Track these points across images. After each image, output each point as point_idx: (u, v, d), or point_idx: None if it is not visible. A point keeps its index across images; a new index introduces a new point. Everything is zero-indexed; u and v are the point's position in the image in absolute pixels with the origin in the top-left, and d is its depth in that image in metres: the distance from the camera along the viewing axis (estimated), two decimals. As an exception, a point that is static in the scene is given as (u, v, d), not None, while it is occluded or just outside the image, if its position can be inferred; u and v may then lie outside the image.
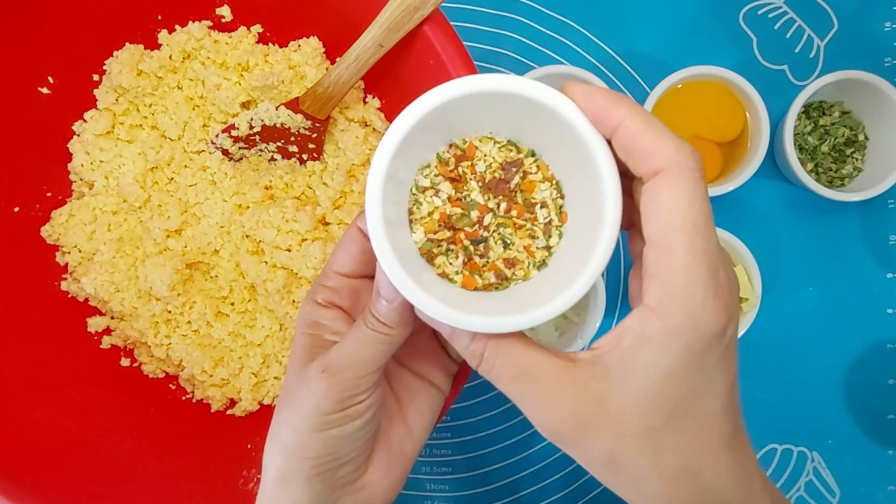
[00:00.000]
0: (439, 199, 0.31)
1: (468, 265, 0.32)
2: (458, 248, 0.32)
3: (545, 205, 0.32)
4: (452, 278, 0.32)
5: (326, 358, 0.34)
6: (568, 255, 0.31)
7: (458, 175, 0.32)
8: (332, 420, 0.33)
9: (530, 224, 0.32)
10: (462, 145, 0.32)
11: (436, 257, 0.32)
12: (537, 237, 0.32)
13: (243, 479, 0.48)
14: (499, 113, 0.31)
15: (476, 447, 0.62)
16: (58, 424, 0.48)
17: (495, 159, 0.32)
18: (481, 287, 0.32)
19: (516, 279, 0.32)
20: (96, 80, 0.53)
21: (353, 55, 0.45)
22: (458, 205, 0.32)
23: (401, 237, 0.31)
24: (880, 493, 0.61)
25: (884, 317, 0.62)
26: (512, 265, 0.32)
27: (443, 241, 0.31)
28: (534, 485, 0.61)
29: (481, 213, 0.31)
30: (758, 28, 0.62)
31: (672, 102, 0.57)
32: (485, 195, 0.32)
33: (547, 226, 0.32)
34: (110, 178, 0.53)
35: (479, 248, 0.32)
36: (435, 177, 0.32)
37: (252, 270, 0.51)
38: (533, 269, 0.32)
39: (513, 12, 0.62)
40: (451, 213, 0.31)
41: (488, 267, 0.32)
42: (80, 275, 0.52)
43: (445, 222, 0.31)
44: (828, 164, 0.60)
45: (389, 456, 0.36)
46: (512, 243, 0.32)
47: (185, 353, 0.52)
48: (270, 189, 0.53)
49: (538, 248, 0.32)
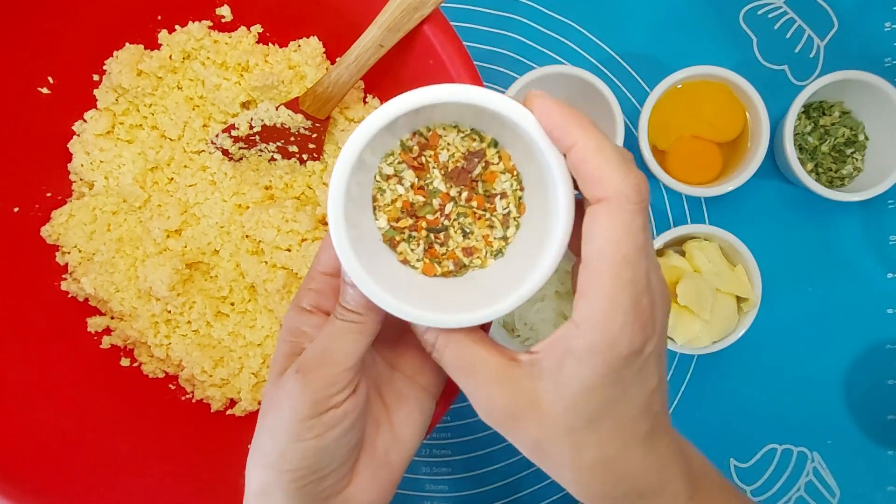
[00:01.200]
0: (402, 187, 0.32)
1: (428, 252, 0.33)
2: (419, 236, 0.33)
3: (504, 195, 0.33)
4: (413, 265, 0.33)
5: (301, 358, 0.33)
6: (524, 247, 0.32)
7: (421, 163, 0.32)
8: (310, 427, 0.32)
9: (489, 214, 0.33)
10: (426, 133, 0.32)
11: (398, 244, 0.33)
12: (496, 227, 0.33)
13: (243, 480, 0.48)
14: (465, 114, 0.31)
15: (476, 447, 0.62)
16: (58, 424, 0.48)
17: (458, 149, 0.32)
18: (440, 274, 0.33)
19: (473, 266, 0.33)
20: (96, 80, 0.53)
21: (353, 55, 0.45)
22: (421, 193, 0.32)
23: (364, 223, 0.32)
24: (880, 493, 0.61)
25: (884, 317, 0.62)
26: (470, 254, 0.33)
27: (405, 229, 0.32)
28: (534, 485, 0.61)
29: (443, 201, 0.32)
30: (758, 28, 0.62)
31: (672, 102, 0.57)
32: (447, 184, 0.32)
33: (505, 217, 0.33)
34: (110, 178, 0.53)
35: (440, 236, 0.33)
36: (398, 164, 0.32)
37: (252, 270, 0.51)
38: (490, 257, 0.33)
39: (513, 12, 0.62)
40: (413, 201, 0.32)
41: (447, 255, 0.33)
42: (79, 275, 0.52)
43: (408, 210, 0.32)
44: (828, 164, 0.60)
45: (375, 465, 0.35)
46: (471, 232, 0.33)
47: (185, 353, 0.52)
48: (270, 189, 0.53)
49: (496, 238, 0.33)
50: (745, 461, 0.62)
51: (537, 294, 0.57)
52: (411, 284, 0.32)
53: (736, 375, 0.62)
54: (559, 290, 0.57)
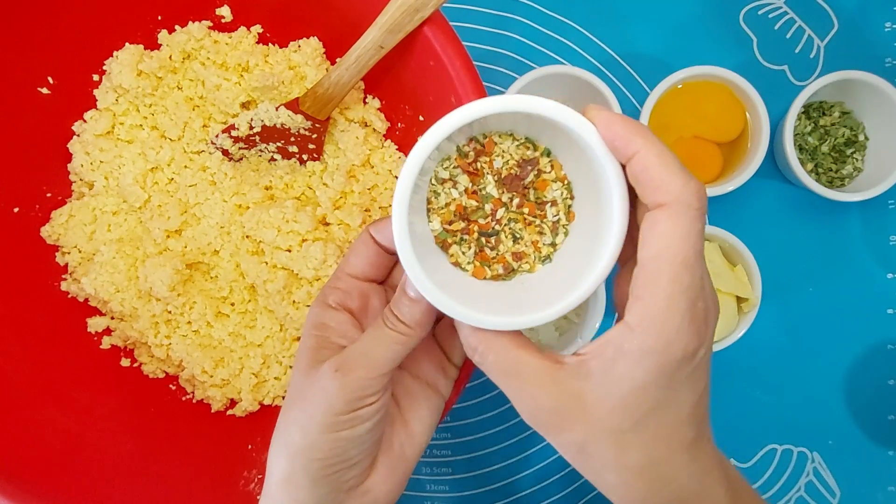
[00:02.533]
0: (457, 190, 0.33)
1: (479, 256, 0.34)
2: (470, 239, 0.33)
3: (555, 203, 0.33)
4: (464, 267, 0.34)
5: (341, 357, 0.34)
6: (571, 254, 0.33)
7: (475, 169, 0.33)
8: (343, 421, 0.33)
9: (539, 221, 0.33)
10: (482, 140, 0.33)
11: (450, 246, 0.33)
12: (545, 234, 0.34)
13: (244, 480, 0.48)
14: (522, 123, 0.32)
15: (476, 447, 0.62)
16: (58, 424, 0.48)
17: (512, 156, 0.33)
18: (490, 277, 0.34)
19: (522, 271, 0.34)
20: (96, 80, 0.52)
21: (353, 56, 0.45)
22: (474, 197, 0.33)
23: (417, 226, 0.32)
24: (880, 494, 0.61)
25: (884, 317, 0.62)
26: (519, 258, 0.34)
27: (457, 232, 0.33)
28: (534, 485, 0.62)
29: (495, 206, 0.33)
30: (758, 28, 0.62)
31: (672, 102, 0.57)
32: (499, 190, 0.33)
33: (555, 224, 0.34)
34: (110, 178, 0.53)
35: (491, 240, 0.33)
36: (454, 169, 0.33)
37: (252, 271, 0.51)
38: (538, 263, 0.34)
39: (513, 12, 0.62)
40: (466, 205, 0.33)
41: (497, 259, 0.34)
42: (80, 275, 0.52)
43: (461, 213, 0.33)
44: (828, 165, 0.60)
45: (391, 460, 0.36)
46: (521, 238, 0.34)
47: (186, 353, 0.52)
48: (270, 189, 0.53)
49: (545, 244, 0.34)
50: (745, 461, 0.62)
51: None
52: (462, 287, 0.32)
53: (736, 375, 0.62)
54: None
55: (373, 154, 0.53)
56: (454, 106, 0.42)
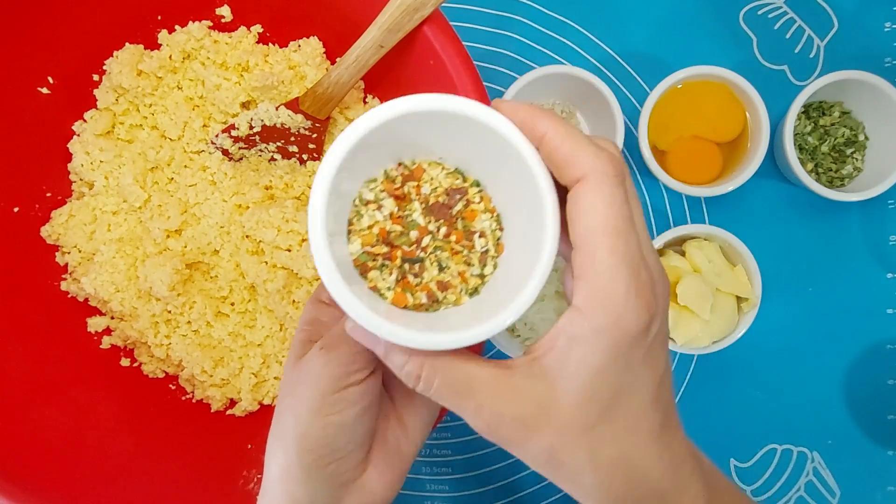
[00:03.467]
0: (381, 213, 0.32)
1: (401, 283, 0.32)
2: (392, 265, 0.32)
3: (484, 234, 0.32)
4: (384, 294, 0.32)
5: (326, 336, 0.35)
6: (500, 286, 0.32)
7: (402, 194, 0.32)
8: (331, 403, 0.33)
9: (467, 251, 0.32)
10: (411, 166, 0.32)
11: (369, 271, 0.31)
12: (472, 264, 0.32)
13: (243, 479, 0.48)
14: (442, 134, 0.31)
15: (476, 447, 0.62)
16: (58, 424, 0.48)
17: (441, 184, 0.32)
18: (411, 306, 0.32)
19: (447, 303, 0.32)
20: (96, 80, 0.53)
21: (353, 56, 0.45)
22: (399, 222, 0.32)
23: (337, 247, 0.31)
24: (880, 493, 0.61)
25: (884, 317, 0.62)
26: (445, 288, 0.32)
27: (378, 256, 0.32)
28: (534, 485, 0.61)
29: (420, 233, 0.32)
30: (758, 28, 0.62)
31: (672, 102, 0.57)
32: (426, 217, 0.32)
33: (483, 255, 0.32)
34: (110, 178, 0.53)
35: (415, 267, 0.32)
36: (380, 192, 0.32)
37: (252, 270, 0.51)
38: (465, 294, 0.32)
39: (513, 12, 0.62)
40: (390, 230, 0.32)
41: (421, 287, 0.32)
42: (80, 275, 0.52)
43: (384, 238, 0.32)
44: (828, 164, 0.60)
45: (387, 455, 0.36)
46: (447, 267, 0.32)
47: (185, 353, 0.52)
48: (270, 189, 0.53)
49: (472, 275, 0.32)
50: (745, 461, 0.62)
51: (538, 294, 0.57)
52: (382, 311, 0.30)
53: (736, 375, 0.62)
54: (559, 290, 0.57)
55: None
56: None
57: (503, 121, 0.29)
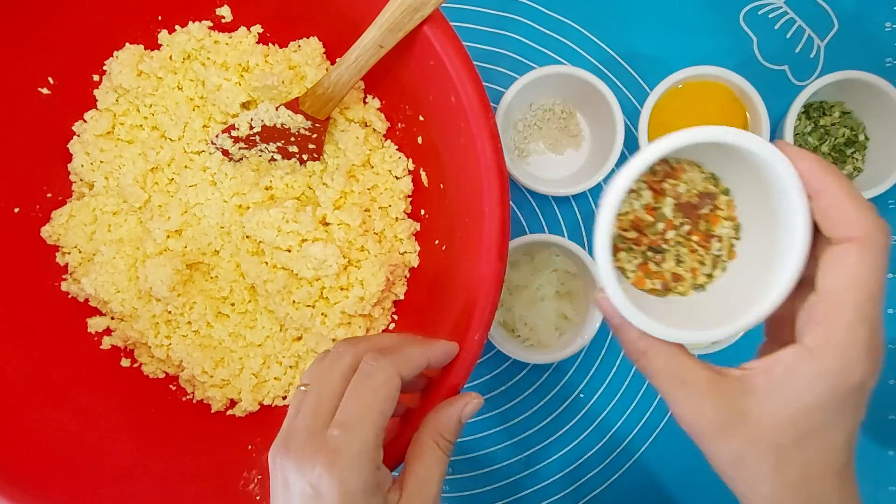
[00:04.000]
0: (638, 203, 0.35)
1: (642, 267, 0.36)
2: (638, 250, 0.36)
3: (721, 239, 0.35)
4: (627, 274, 0.36)
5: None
6: (726, 292, 0.35)
7: (660, 188, 0.35)
8: None
9: (703, 251, 0.36)
10: (675, 164, 0.35)
11: (618, 251, 0.35)
12: (705, 264, 0.36)
13: (244, 480, 0.48)
14: (718, 155, 0.34)
15: (476, 447, 0.62)
16: (58, 424, 0.48)
17: (696, 186, 0.35)
18: (647, 290, 0.36)
19: (675, 292, 0.36)
20: (96, 80, 0.53)
21: (353, 56, 0.45)
22: (651, 213, 0.35)
23: None
24: (880, 494, 0.61)
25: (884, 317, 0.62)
26: (676, 280, 0.36)
27: (628, 240, 0.35)
28: (534, 485, 0.61)
29: (667, 227, 0.35)
30: (758, 28, 0.62)
31: (672, 102, 0.57)
32: (675, 213, 0.35)
33: (716, 258, 0.36)
34: (110, 178, 0.53)
35: (656, 256, 0.36)
36: (641, 182, 0.35)
37: (252, 271, 0.51)
38: (691, 289, 0.36)
39: (513, 12, 0.62)
40: (643, 218, 0.35)
41: (658, 275, 0.36)
42: (80, 275, 0.52)
43: (635, 225, 0.35)
44: (828, 165, 0.60)
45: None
46: (683, 262, 0.36)
47: (186, 353, 0.52)
48: (271, 189, 0.53)
49: (702, 273, 0.36)
50: (745, 461, 0.62)
51: (538, 294, 0.57)
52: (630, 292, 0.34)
53: (736, 375, 0.62)
54: (559, 291, 0.57)
55: (373, 154, 0.53)
56: (454, 105, 0.43)
57: (786, 165, 0.31)
